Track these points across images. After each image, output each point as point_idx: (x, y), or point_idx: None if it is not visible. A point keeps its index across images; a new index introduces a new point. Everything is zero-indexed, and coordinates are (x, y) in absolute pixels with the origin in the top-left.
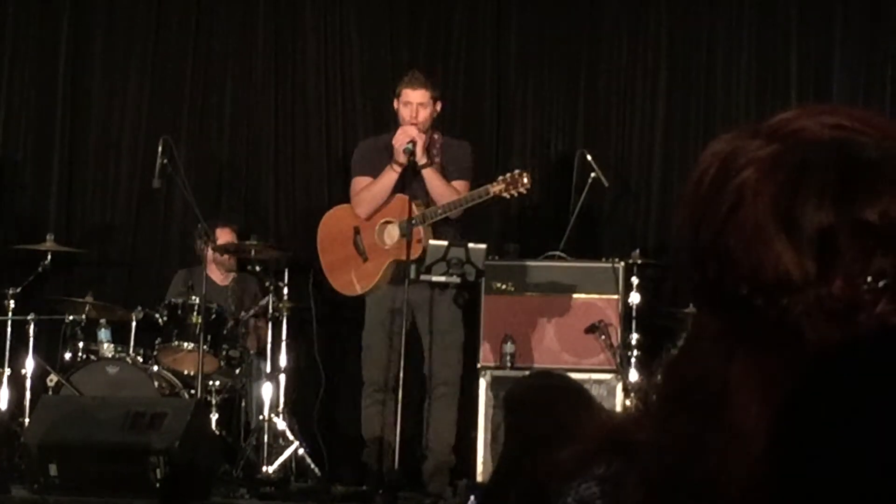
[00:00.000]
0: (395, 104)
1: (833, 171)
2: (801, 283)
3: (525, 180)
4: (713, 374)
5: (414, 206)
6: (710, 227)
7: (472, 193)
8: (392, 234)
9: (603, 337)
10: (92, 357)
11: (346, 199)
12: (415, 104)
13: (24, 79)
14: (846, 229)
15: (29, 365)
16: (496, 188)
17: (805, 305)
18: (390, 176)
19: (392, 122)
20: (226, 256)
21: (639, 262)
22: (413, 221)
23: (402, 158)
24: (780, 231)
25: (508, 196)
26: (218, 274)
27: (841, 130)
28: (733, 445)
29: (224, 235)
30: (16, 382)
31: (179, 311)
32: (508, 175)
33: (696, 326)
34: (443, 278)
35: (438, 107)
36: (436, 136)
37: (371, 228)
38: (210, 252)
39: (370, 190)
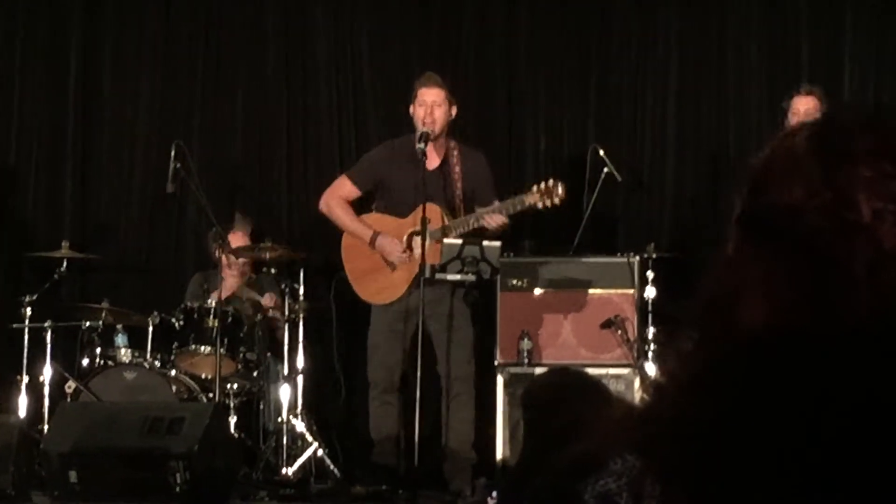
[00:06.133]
0: (412, 108)
1: (861, 125)
2: (829, 201)
3: (560, 190)
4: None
5: (444, 218)
6: (758, 165)
7: (505, 204)
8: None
9: (619, 332)
10: (109, 363)
11: (362, 202)
12: (430, 103)
13: (35, 87)
14: (867, 155)
15: (47, 372)
16: (531, 199)
17: (831, 221)
18: (362, 236)
19: (405, 124)
20: (241, 261)
21: (654, 255)
22: (439, 231)
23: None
24: (812, 155)
25: (542, 207)
26: (233, 277)
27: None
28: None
29: (236, 239)
30: (34, 390)
31: (196, 315)
32: (543, 185)
33: (727, 262)
34: (458, 276)
35: (454, 111)
36: (452, 144)
37: (399, 239)
38: (223, 255)
39: (343, 221)
